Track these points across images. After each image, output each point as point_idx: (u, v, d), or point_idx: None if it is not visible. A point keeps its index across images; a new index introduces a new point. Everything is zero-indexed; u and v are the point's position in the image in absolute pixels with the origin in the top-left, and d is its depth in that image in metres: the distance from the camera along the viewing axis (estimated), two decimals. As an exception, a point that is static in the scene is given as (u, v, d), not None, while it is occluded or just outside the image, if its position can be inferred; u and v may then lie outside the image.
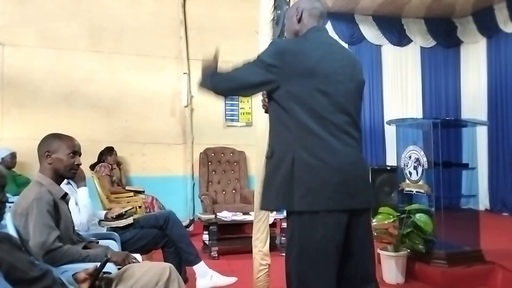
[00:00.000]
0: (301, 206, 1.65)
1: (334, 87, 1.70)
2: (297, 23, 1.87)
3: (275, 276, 3.10)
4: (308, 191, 1.64)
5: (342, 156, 1.68)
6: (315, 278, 1.68)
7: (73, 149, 2.15)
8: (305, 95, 1.67)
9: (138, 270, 1.77)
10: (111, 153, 5.37)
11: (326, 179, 1.65)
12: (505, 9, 5.96)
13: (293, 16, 1.89)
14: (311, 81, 1.68)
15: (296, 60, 1.69)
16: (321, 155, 1.66)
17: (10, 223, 1.69)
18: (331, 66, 1.73)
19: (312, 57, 1.71)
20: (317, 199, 1.64)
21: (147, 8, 6.03)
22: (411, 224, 3.39)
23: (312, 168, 1.65)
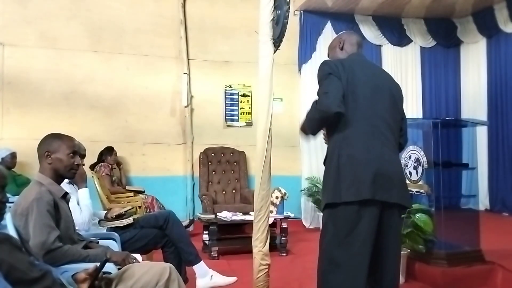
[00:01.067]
0: (348, 197, 1.87)
1: (373, 96, 2.00)
2: (340, 51, 2.23)
3: (275, 276, 3.11)
4: (351, 182, 1.88)
5: (378, 153, 1.93)
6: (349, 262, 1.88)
7: (73, 149, 2.15)
8: (350, 102, 1.95)
9: (138, 270, 1.78)
10: (111, 153, 5.37)
11: (364, 172, 1.88)
12: (505, 9, 5.96)
13: (336, 46, 2.27)
14: (355, 89, 1.97)
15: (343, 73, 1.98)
16: (361, 150, 1.92)
17: (10, 223, 1.69)
18: (370, 79, 2.04)
19: (355, 71, 2.01)
20: (358, 189, 1.87)
21: (147, 8, 6.03)
22: (411, 224, 3.38)
23: (353, 160, 1.90)
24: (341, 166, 1.91)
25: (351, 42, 2.23)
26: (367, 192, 1.87)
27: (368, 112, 1.98)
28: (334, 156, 1.96)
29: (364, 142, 1.94)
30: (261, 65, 2.76)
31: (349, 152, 1.92)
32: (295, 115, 6.34)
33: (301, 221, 6.05)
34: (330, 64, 2.04)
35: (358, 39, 2.28)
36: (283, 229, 4.49)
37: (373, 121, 1.98)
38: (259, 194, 2.73)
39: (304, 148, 6.22)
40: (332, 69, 1.99)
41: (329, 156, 2.01)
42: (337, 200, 1.90)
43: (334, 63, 2.04)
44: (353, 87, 1.97)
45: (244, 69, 6.12)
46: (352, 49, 2.21)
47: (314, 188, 5.90)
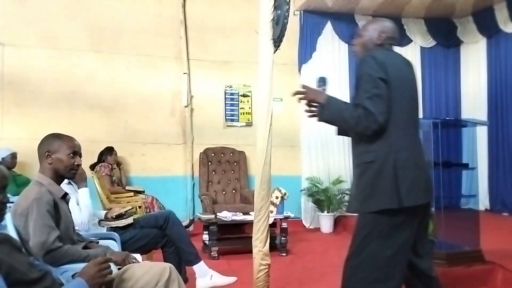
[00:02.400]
0: (408, 202, 1.85)
1: (411, 94, 2.00)
2: (377, 45, 2.09)
3: (275, 276, 3.11)
4: (410, 187, 1.86)
5: (422, 155, 1.99)
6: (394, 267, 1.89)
7: (73, 149, 2.15)
8: (396, 102, 1.90)
9: (138, 270, 1.77)
10: (111, 153, 5.37)
11: (420, 176, 1.91)
12: (505, 9, 5.96)
13: (374, 37, 2.11)
14: (399, 90, 1.92)
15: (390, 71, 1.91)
16: (414, 153, 1.93)
17: (10, 223, 1.69)
18: (407, 78, 2.02)
19: (396, 69, 1.96)
20: (417, 194, 1.88)
21: (147, 8, 6.03)
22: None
23: (410, 165, 1.89)
24: (399, 171, 1.86)
25: (391, 36, 2.12)
26: (423, 197, 1.91)
27: (412, 113, 2.00)
28: (389, 160, 1.88)
29: (416, 145, 1.97)
30: (261, 65, 2.76)
31: (404, 156, 1.88)
32: (295, 115, 6.34)
33: (301, 221, 6.05)
34: (378, 61, 1.91)
35: (396, 32, 2.15)
36: (283, 229, 4.49)
37: (416, 123, 2.02)
38: (259, 194, 2.73)
39: (304, 148, 6.22)
40: (380, 69, 1.89)
41: (381, 159, 1.89)
42: (394, 205, 1.85)
43: (381, 60, 1.92)
44: (398, 87, 1.92)
45: (244, 69, 6.12)
46: (389, 43, 2.12)
47: (314, 188, 5.90)
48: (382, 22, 2.15)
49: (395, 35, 2.14)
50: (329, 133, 6.21)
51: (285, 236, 4.48)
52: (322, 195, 5.82)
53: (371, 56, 1.96)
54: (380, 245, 1.88)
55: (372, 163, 1.91)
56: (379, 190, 1.89)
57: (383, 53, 2.02)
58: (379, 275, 1.88)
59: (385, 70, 1.89)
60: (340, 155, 6.25)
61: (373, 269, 1.89)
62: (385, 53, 2.03)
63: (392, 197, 1.85)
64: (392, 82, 1.89)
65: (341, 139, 6.27)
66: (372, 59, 1.93)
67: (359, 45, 2.17)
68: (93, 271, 1.50)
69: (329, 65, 6.34)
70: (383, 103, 1.86)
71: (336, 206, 5.80)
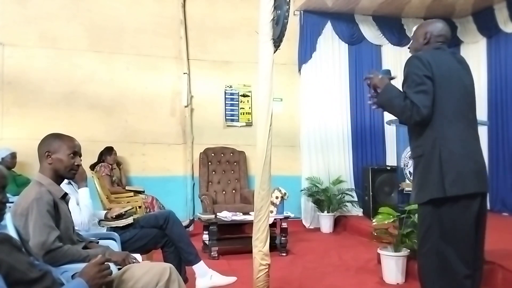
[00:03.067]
0: (451, 192, 1.97)
1: (460, 90, 2.08)
2: (425, 44, 2.22)
3: (275, 276, 3.11)
4: (456, 178, 1.98)
5: (474, 148, 2.08)
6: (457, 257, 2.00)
7: (74, 150, 2.15)
8: (443, 98, 2.03)
9: (138, 271, 1.77)
10: (111, 153, 5.37)
11: (467, 166, 2.01)
12: (505, 9, 5.95)
13: (420, 37, 2.24)
14: (447, 86, 2.04)
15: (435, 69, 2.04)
16: (462, 146, 2.03)
17: (10, 223, 1.69)
18: (457, 74, 2.11)
19: (444, 66, 2.08)
20: (463, 183, 1.98)
21: (147, 8, 6.03)
22: (411, 224, 3.38)
23: (456, 156, 2.00)
24: (444, 162, 1.99)
25: (437, 34, 2.21)
26: (472, 186, 2.00)
27: (461, 108, 2.07)
28: (435, 152, 2.02)
29: (462, 138, 2.05)
30: (261, 65, 2.76)
31: (450, 149, 2.01)
32: (295, 115, 6.34)
33: (301, 221, 6.05)
34: (423, 60, 2.05)
35: (444, 30, 2.24)
36: (283, 229, 4.50)
37: (466, 116, 2.09)
38: (259, 194, 2.73)
39: (304, 148, 6.22)
40: (426, 67, 2.03)
41: (428, 152, 2.05)
42: (440, 195, 1.99)
43: (426, 60, 2.05)
44: (445, 84, 2.03)
45: (244, 69, 6.12)
46: (437, 41, 2.21)
47: (314, 188, 5.90)
48: (429, 24, 2.27)
49: (443, 33, 2.22)
50: (329, 133, 6.23)
51: (285, 236, 4.48)
52: (322, 195, 5.83)
53: (415, 57, 2.11)
54: (440, 236, 2.02)
55: (421, 157, 2.09)
56: (428, 181, 2.05)
57: (429, 53, 2.14)
58: (444, 263, 2.01)
59: (431, 68, 2.03)
60: (340, 155, 6.25)
61: (438, 258, 2.03)
62: (431, 52, 2.14)
63: (438, 187, 1.99)
64: (437, 80, 2.02)
65: (341, 139, 6.28)
66: (417, 59, 2.08)
67: (412, 50, 2.33)
68: (93, 272, 1.50)
69: (329, 65, 6.34)
70: (428, 98, 2.01)
71: (336, 206, 5.80)
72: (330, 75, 6.32)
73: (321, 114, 6.21)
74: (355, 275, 3.73)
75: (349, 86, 6.41)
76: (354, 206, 6.08)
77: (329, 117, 6.24)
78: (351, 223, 5.72)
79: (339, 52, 6.40)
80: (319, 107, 6.21)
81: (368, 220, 5.28)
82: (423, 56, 2.09)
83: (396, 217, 3.45)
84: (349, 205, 6.00)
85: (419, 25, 2.36)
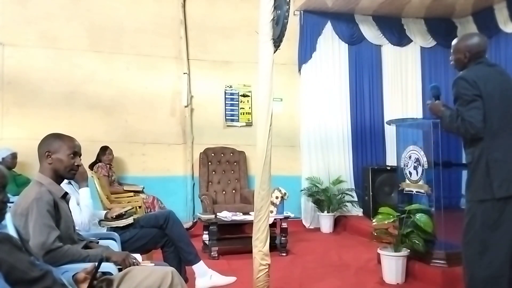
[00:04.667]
0: (499, 194, 2.25)
1: (504, 103, 2.32)
2: (466, 62, 2.47)
3: (275, 276, 3.11)
4: (501, 181, 2.25)
5: None
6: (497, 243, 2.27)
7: (74, 150, 2.15)
8: (489, 112, 2.28)
9: (140, 274, 1.76)
10: (105, 152, 5.34)
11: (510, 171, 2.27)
12: (505, 9, 5.95)
13: (462, 56, 2.48)
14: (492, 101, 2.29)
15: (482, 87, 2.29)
16: (506, 153, 2.29)
17: (10, 223, 1.69)
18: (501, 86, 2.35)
19: (488, 82, 2.32)
20: (508, 186, 2.25)
21: (147, 8, 6.03)
22: (411, 224, 3.39)
23: (500, 164, 2.27)
24: (491, 169, 2.28)
25: (476, 51, 2.44)
26: None
27: (506, 119, 2.32)
28: (482, 159, 2.31)
29: (505, 146, 2.30)
30: (261, 65, 2.77)
31: (496, 157, 2.29)
32: (295, 115, 6.34)
33: (301, 221, 6.05)
34: (469, 81, 2.31)
35: (482, 46, 2.46)
36: (283, 229, 4.50)
37: (509, 124, 2.32)
38: (259, 194, 2.73)
39: (304, 148, 6.22)
40: (473, 87, 2.29)
41: (476, 159, 2.35)
42: (488, 196, 2.28)
43: (472, 79, 2.30)
44: (490, 99, 2.29)
45: (244, 69, 6.12)
46: (477, 57, 2.43)
47: (314, 188, 5.90)
48: (466, 41, 2.50)
49: (482, 48, 2.45)
50: (329, 133, 6.23)
51: (285, 236, 4.48)
52: (322, 195, 5.83)
53: (461, 78, 2.35)
54: (480, 229, 2.29)
55: (471, 164, 2.38)
56: (475, 183, 2.34)
57: (473, 70, 2.39)
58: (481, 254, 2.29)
59: (477, 87, 2.29)
60: (340, 155, 6.25)
61: (477, 247, 2.30)
62: (474, 70, 2.39)
63: (486, 190, 2.28)
64: (484, 96, 2.28)
65: (341, 139, 6.28)
66: (464, 80, 2.34)
67: (453, 62, 2.60)
68: None
69: (329, 65, 6.33)
70: (480, 113, 2.28)
71: (336, 206, 5.80)
72: (330, 75, 6.32)
73: (321, 114, 6.21)
74: (355, 275, 3.74)
75: (349, 86, 6.40)
76: (354, 206, 6.08)
77: (329, 117, 6.24)
78: (351, 223, 5.73)
79: (339, 52, 6.40)
80: (319, 107, 6.21)
81: (368, 220, 5.28)
82: (469, 76, 2.34)
83: (396, 217, 3.45)
84: (349, 205, 6.00)
85: (457, 39, 2.57)
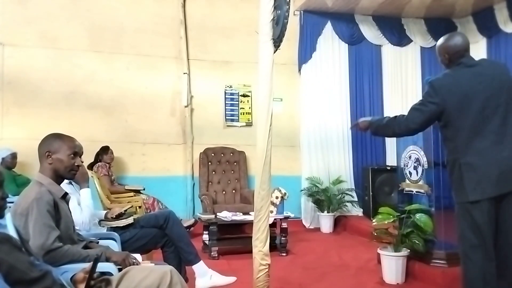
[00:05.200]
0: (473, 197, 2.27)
1: (477, 106, 2.27)
2: (447, 64, 2.46)
3: (275, 276, 3.11)
4: (475, 185, 2.26)
5: (493, 154, 2.25)
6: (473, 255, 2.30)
7: (74, 150, 2.15)
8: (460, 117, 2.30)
9: (139, 274, 1.76)
10: (107, 151, 5.35)
11: (484, 174, 2.24)
12: (505, 9, 5.95)
13: (442, 60, 2.49)
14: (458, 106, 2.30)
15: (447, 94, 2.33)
16: (476, 156, 2.27)
17: (10, 223, 1.69)
18: (471, 85, 2.31)
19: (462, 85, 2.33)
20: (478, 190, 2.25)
21: (147, 8, 6.03)
22: (411, 224, 3.39)
23: (474, 167, 2.27)
24: (464, 173, 2.30)
25: (453, 52, 2.41)
26: (491, 191, 2.24)
27: (480, 122, 2.28)
28: (456, 164, 2.35)
29: (479, 149, 2.27)
30: (261, 65, 2.76)
31: (468, 161, 2.29)
32: (295, 115, 6.34)
33: (301, 221, 6.05)
34: (434, 87, 2.35)
35: (459, 46, 2.41)
36: (283, 229, 4.50)
37: (486, 127, 2.28)
38: (259, 194, 2.73)
39: (304, 148, 6.22)
40: (435, 93, 2.33)
41: (451, 162, 2.40)
42: (465, 199, 2.31)
43: (439, 86, 2.34)
44: (459, 105, 2.29)
45: (244, 69, 6.12)
46: (456, 57, 2.41)
47: (314, 188, 5.90)
48: (445, 43, 2.46)
49: (460, 48, 2.40)
50: (329, 133, 6.23)
51: (285, 236, 4.48)
52: (322, 195, 5.82)
53: (430, 83, 2.40)
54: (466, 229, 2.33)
55: (448, 164, 2.45)
56: (454, 186, 2.41)
57: (448, 74, 2.42)
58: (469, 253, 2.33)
59: (441, 94, 2.32)
60: (340, 155, 6.25)
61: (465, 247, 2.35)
62: (448, 75, 2.41)
63: (462, 193, 2.31)
64: (450, 102, 2.30)
65: (341, 139, 6.28)
66: (429, 85, 2.39)
67: (443, 66, 2.55)
68: None
69: (329, 65, 6.33)
70: (420, 117, 2.38)
71: (336, 206, 5.80)
72: (330, 75, 6.32)
73: (321, 114, 6.21)
74: (355, 275, 3.73)
75: (349, 86, 6.40)
76: (354, 206, 6.08)
77: (329, 117, 6.24)
78: (351, 223, 5.72)
79: (339, 52, 6.40)
80: (319, 107, 6.21)
81: (368, 220, 5.28)
82: (437, 82, 2.38)
83: (396, 217, 3.45)
84: (349, 205, 6.00)
85: (439, 40, 2.53)
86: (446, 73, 2.44)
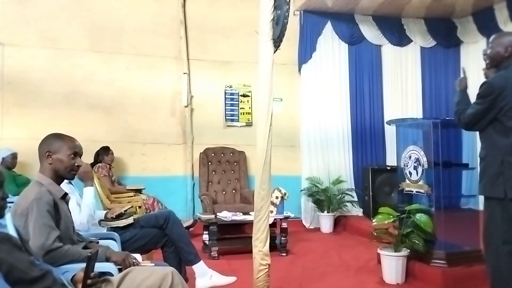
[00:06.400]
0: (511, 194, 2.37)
1: None
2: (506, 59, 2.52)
3: (275, 276, 3.11)
4: None
5: None
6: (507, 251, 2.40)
7: (74, 150, 2.15)
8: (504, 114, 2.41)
9: (140, 275, 1.76)
10: (107, 152, 5.36)
11: None
12: (505, 9, 5.95)
13: (499, 48, 2.53)
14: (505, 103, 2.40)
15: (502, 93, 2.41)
16: None
17: (10, 223, 1.69)
18: None
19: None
20: None
21: (147, 8, 6.03)
22: (411, 224, 3.39)
23: None
24: (506, 171, 2.38)
25: None
26: None
27: None
28: (496, 159, 2.43)
29: None
30: (261, 65, 2.77)
31: (507, 159, 2.39)
32: (295, 115, 6.34)
33: (301, 221, 6.05)
34: (494, 87, 2.43)
35: None
36: (283, 229, 4.50)
37: None
38: (259, 194, 2.73)
39: (304, 148, 6.21)
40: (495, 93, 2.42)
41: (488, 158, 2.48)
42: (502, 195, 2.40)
43: (499, 85, 2.42)
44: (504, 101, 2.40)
45: (244, 69, 6.12)
46: None
47: (314, 188, 5.90)
48: (509, 37, 2.54)
49: None
50: (329, 133, 6.23)
51: (285, 236, 4.48)
52: (322, 195, 5.82)
53: (488, 83, 2.49)
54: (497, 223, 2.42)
55: (483, 159, 2.52)
56: (486, 179, 2.47)
57: (500, 77, 2.48)
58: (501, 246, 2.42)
59: (503, 92, 2.40)
60: (340, 155, 6.25)
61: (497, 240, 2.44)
62: (502, 76, 2.47)
63: (498, 188, 2.39)
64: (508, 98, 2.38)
65: (341, 139, 6.28)
66: (489, 86, 2.47)
67: (488, 58, 2.62)
68: None
69: (329, 65, 6.33)
70: (474, 118, 2.51)
71: (336, 206, 5.80)
72: (330, 75, 6.32)
73: (321, 114, 6.21)
74: (355, 275, 3.74)
75: (349, 86, 6.40)
76: (354, 206, 6.08)
77: (329, 117, 6.24)
78: (351, 223, 5.72)
79: (339, 52, 6.40)
80: (319, 107, 6.21)
81: (368, 220, 5.28)
82: (496, 82, 2.46)
83: (396, 217, 3.45)
84: (349, 205, 6.00)
85: (498, 35, 2.63)
86: (500, 75, 2.51)
